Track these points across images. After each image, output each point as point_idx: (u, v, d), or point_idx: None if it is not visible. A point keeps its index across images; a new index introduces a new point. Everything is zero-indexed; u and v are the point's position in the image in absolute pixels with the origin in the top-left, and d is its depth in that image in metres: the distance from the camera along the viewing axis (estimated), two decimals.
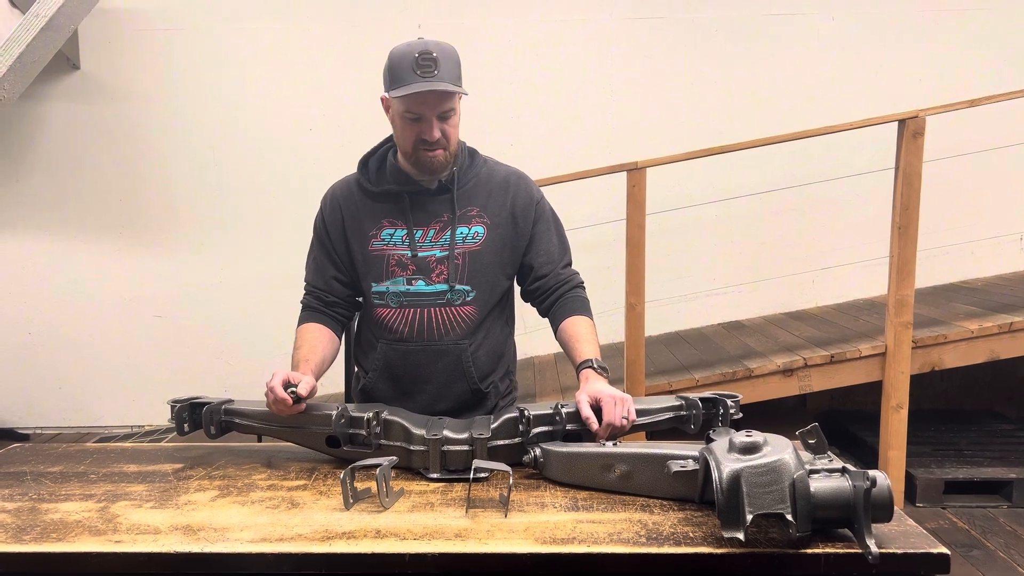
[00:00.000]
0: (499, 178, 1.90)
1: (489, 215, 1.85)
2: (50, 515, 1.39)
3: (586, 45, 4.64)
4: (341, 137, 4.49)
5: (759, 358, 3.73)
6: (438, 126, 1.74)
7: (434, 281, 1.81)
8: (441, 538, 1.26)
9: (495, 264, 1.85)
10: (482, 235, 1.84)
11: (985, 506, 3.54)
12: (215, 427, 1.70)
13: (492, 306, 1.87)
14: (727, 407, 1.63)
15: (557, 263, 1.92)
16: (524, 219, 1.88)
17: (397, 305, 1.82)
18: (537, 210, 1.91)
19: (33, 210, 4.73)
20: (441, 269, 1.81)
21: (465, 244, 1.82)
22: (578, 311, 1.88)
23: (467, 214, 1.84)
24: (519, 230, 1.88)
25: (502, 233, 1.86)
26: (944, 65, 4.58)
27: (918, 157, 3.41)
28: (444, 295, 1.81)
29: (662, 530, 1.27)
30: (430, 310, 1.82)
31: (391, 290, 1.83)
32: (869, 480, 1.14)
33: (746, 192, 4.42)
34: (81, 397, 4.85)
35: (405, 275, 1.82)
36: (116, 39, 4.63)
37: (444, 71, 1.68)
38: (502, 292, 1.90)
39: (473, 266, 1.82)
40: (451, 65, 1.71)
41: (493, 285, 1.86)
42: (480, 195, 1.87)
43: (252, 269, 4.68)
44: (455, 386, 1.84)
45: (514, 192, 1.89)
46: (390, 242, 1.83)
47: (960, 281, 4.75)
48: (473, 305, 1.83)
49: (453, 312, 1.82)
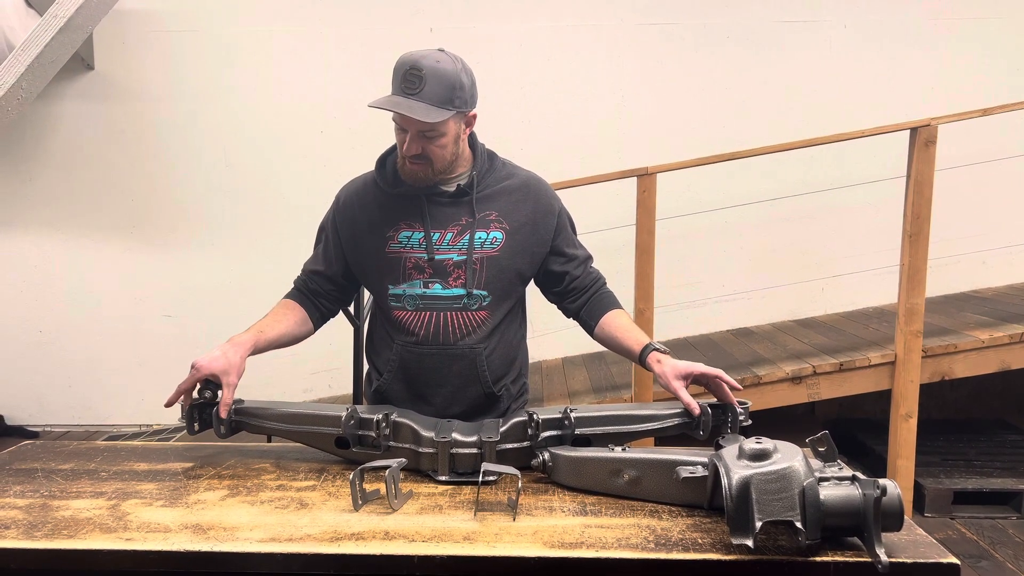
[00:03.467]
0: (518, 183, 1.89)
1: (508, 220, 1.84)
2: (61, 512, 1.40)
3: (597, 50, 4.65)
4: (352, 139, 4.49)
5: (768, 365, 3.72)
6: (419, 143, 1.71)
7: (451, 285, 1.81)
8: (449, 540, 1.26)
9: (512, 269, 1.84)
10: (500, 240, 1.83)
11: (994, 517, 3.51)
12: (225, 427, 1.70)
13: (507, 310, 1.87)
14: (736, 414, 1.63)
15: (585, 264, 1.95)
16: (544, 228, 1.88)
17: (413, 308, 1.82)
18: (559, 221, 1.91)
19: (46, 209, 4.76)
20: (459, 273, 1.81)
21: (483, 249, 1.82)
22: (615, 306, 1.92)
23: (486, 219, 1.83)
24: (539, 238, 1.87)
25: (520, 239, 1.85)
26: (956, 74, 4.57)
27: (930, 166, 3.40)
28: (461, 299, 1.81)
29: (671, 536, 1.26)
30: (446, 314, 1.81)
31: (408, 293, 1.83)
32: (879, 488, 1.14)
33: (756, 199, 4.41)
34: (90, 396, 4.88)
35: (422, 278, 1.81)
36: (130, 40, 4.67)
37: (428, 91, 1.65)
38: (516, 298, 1.91)
39: (491, 271, 1.82)
40: (439, 86, 1.66)
41: (509, 290, 1.86)
42: (499, 200, 1.86)
43: (263, 269, 4.68)
44: (469, 389, 1.84)
45: (535, 199, 1.88)
46: (407, 244, 1.83)
47: (971, 290, 4.73)
48: (489, 309, 1.83)
49: (469, 316, 1.82)
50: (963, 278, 4.71)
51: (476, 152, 1.87)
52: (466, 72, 1.74)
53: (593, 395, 3.82)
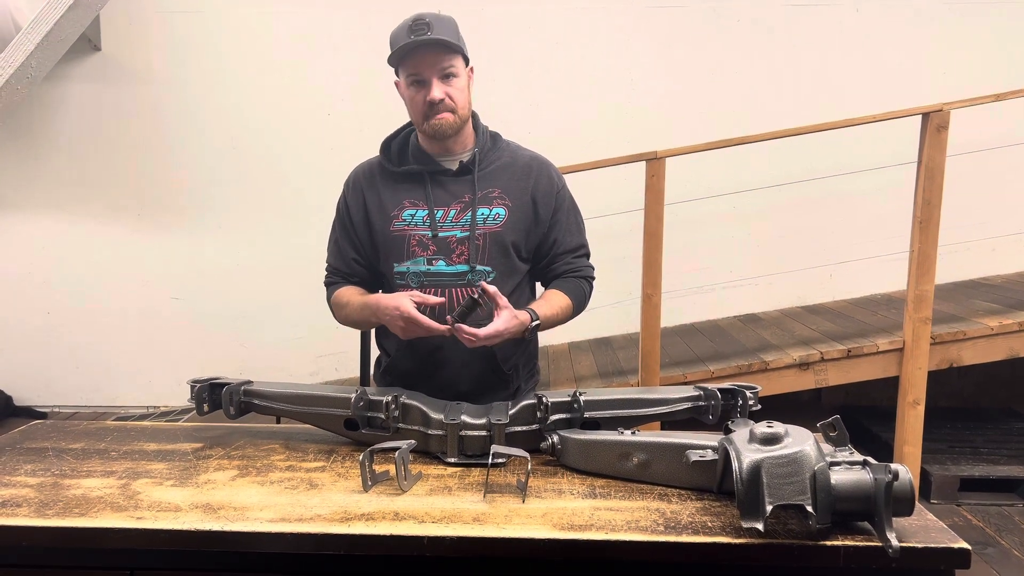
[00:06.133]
0: (522, 162, 1.91)
1: (510, 197, 1.85)
2: (72, 491, 1.40)
3: (606, 34, 4.62)
4: (359, 121, 4.48)
5: (775, 351, 3.72)
6: (440, 87, 1.75)
7: (455, 261, 1.81)
8: (459, 522, 1.26)
9: (514, 246, 1.85)
10: (503, 217, 1.84)
11: (1000, 504, 3.52)
12: (234, 407, 1.71)
13: (512, 288, 1.87)
14: (746, 398, 1.62)
15: (571, 252, 1.93)
16: (544, 206, 1.88)
17: (417, 285, 1.83)
18: (558, 199, 1.91)
19: (53, 190, 4.76)
20: (462, 250, 1.81)
21: (486, 225, 1.82)
22: (560, 288, 1.90)
23: (488, 195, 1.84)
24: (539, 216, 1.88)
25: (522, 216, 1.86)
26: (969, 58, 4.52)
27: (941, 151, 3.38)
28: (464, 276, 1.81)
29: (680, 519, 1.26)
30: (450, 290, 1.82)
31: (411, 270, 1.83)
32: (891, 473, 1.13)
33: (765, 184, 4.38)
34: (99, 377, 4.90)
35: (426, 255, 1.82)
36: (137, 21, 4.65)
37: (438, 29, 1.72)
38: (521, 274, 1.91)
39: (494, 247, 1.83)
40: (446, 28, 1.74)
41: (512, 267, 1.87)
42: (502, 177, 1.87)
43: (270, 252, 4.71)
44: (475, 366, 1.84)
45: (536, 177, 1.89)
46: (411, 222, 1.84)
47: (980, 277, 4.71)
48: (493, 286, 1.82)
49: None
50: (972, 265, 4.69)
51: (478, 131, 1.89)
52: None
53: (599, 380, 3.83)
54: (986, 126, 4.18)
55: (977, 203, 4.52)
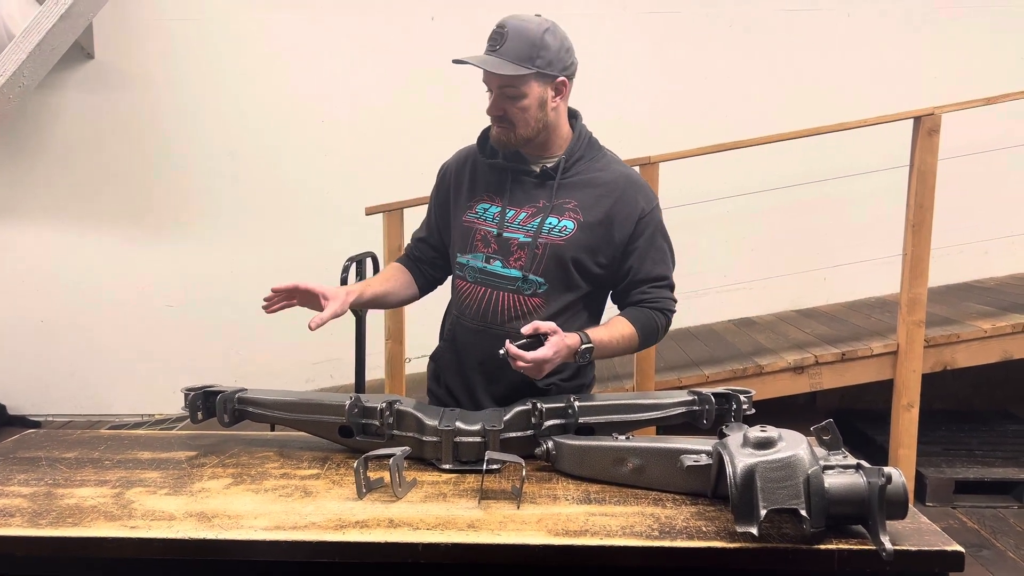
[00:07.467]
0: (609, 178, 1.80)
1: (584, 212, 1.77)
2: (65, 500, 1.40)
3: (601, 39, 4.62)
4: (354, 128, 4.49)
5: (770, 355, 3.72)
6: (500, 103, 1.72)
7: (510, 265, 1.78)
8: (454, 528, 1.26)
9: (576, 263, 1.77)
10: (570, 230, 1.76)
11: (995, 506, 3.53)
12: (229, 415, 1.70)
13: (564, 305, 1.79)
14: (740, 403, 1.63)
15: (648, 281, 1.83)
16: (621, 228, 1.78)
17: (472, 280, 1.82)
18: (640, 224, 1.79)
19: (47, 199, 4.75)
20: (520, 255, 1.77)
21: (551, 236, 1.76)
22: (628, 316, 1.81)
23: (563, 205, 1.77)
24: (612, 237, 1.78)
25: (591, 234, 1.76)
26: (960, 62, 4.55)
27: (933, 155, 3.39)
28: (516, 282, 1.78)
29: (675, 524, 1.27)
30: (500, 293, 1.79)
31: (470, 264, 1.83)
32: (884, 477, 1.13)
33: (759, 188, 4.39)
34: (93, 385, 4.88)
35: (486, 252, 1.81)
36: (130, 29, 4.65)
37: (508, 47, 1.66)
38: (579, 294, 1.81)
39: (552, 260, 1.76)
40: (520, 43, 1.67)
41: (569, 283, 1.79)
42: (583, 190, 1.78)
43: (264, 260, 4.69)
44: (510, 373, 1.66)
45: (620, 196, 1.78)
46: (482, 216, 1.82)
47: (974, 280, 4.73)
48: (543, 298, 1.78)
49: (522, 300, 1.78)
50: (965, 268, 4.70)
51: (577, 136, 1.83)
52: (554, 35, 1.72)
53: (595, 384, 3.82)
54: (978, 129, 4.20)
55: (969, 206, 4.53)
